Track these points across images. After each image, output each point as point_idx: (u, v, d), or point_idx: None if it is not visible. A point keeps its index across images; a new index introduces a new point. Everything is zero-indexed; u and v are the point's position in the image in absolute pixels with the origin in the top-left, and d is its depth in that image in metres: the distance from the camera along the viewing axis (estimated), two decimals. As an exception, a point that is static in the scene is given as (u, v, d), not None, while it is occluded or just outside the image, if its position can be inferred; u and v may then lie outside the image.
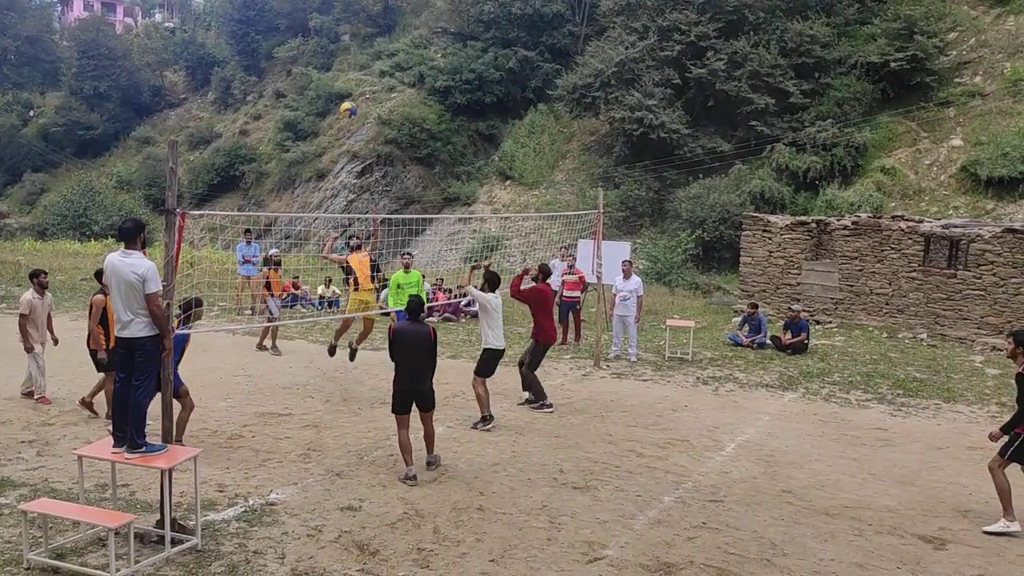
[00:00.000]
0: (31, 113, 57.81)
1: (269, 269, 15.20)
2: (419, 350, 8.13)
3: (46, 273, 11.13)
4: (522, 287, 11.29)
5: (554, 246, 18.56)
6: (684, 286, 26.98)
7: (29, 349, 10.52)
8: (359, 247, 12.69)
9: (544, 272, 11.60)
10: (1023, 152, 26.73)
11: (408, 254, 14.79)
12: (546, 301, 11.40)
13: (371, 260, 12.41)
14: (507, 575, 6.22)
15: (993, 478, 7.49)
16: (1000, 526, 7.42)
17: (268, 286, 15.25)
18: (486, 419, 10.20)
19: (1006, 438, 7.54)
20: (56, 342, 11.19)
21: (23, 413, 10.13)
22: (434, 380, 8.39)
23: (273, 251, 15.49)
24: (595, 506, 7.71)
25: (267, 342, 14.80)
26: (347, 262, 12.39)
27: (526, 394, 11.45)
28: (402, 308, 12.11)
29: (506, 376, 13.34)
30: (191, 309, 9.00)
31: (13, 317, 16.68)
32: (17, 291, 19.65)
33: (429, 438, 8.55)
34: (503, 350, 10.39)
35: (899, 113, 31.92)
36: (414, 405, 8.23)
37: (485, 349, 10.26)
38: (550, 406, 11.13)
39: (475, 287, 10.64)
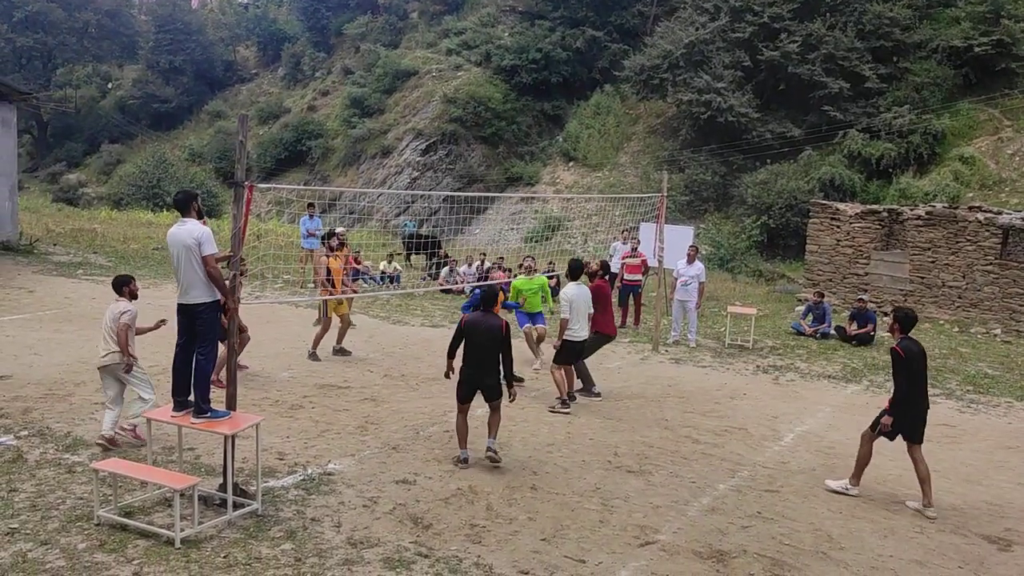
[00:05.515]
0: (109, 86, 59.48)
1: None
2: (490, 342, 7.86)
3: None
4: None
5: (616, 228, 18.43)
6: (747, 273, 26.55)
7: None
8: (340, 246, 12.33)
9: (604, 267, 11.63)
10: (1113, 143, 25.54)
11: (530, 257, 13.82)
12: (603, 299, 11.11)
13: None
14: (558, 554, 6.25)
15: None
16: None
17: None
18: (565, 402, 10.21)
19: None
20: None
21: (96, 375, 10.48)
22: (501, 374, 7.98)
23: (339, 229, 14.48)
24: (648, 490, 7.68)
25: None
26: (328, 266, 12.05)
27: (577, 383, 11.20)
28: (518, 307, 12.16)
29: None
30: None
31: (90, 283, 17.31)
32: (93, 258, 20.37)
33: (493, 425, 8.10)
34: (583, 341, 10.42)
35: (981, 100, 30.72)
36: (479, 394, 8.01)
37: (564, 340, 10.27)
38: (598, 394, 10.90)
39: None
